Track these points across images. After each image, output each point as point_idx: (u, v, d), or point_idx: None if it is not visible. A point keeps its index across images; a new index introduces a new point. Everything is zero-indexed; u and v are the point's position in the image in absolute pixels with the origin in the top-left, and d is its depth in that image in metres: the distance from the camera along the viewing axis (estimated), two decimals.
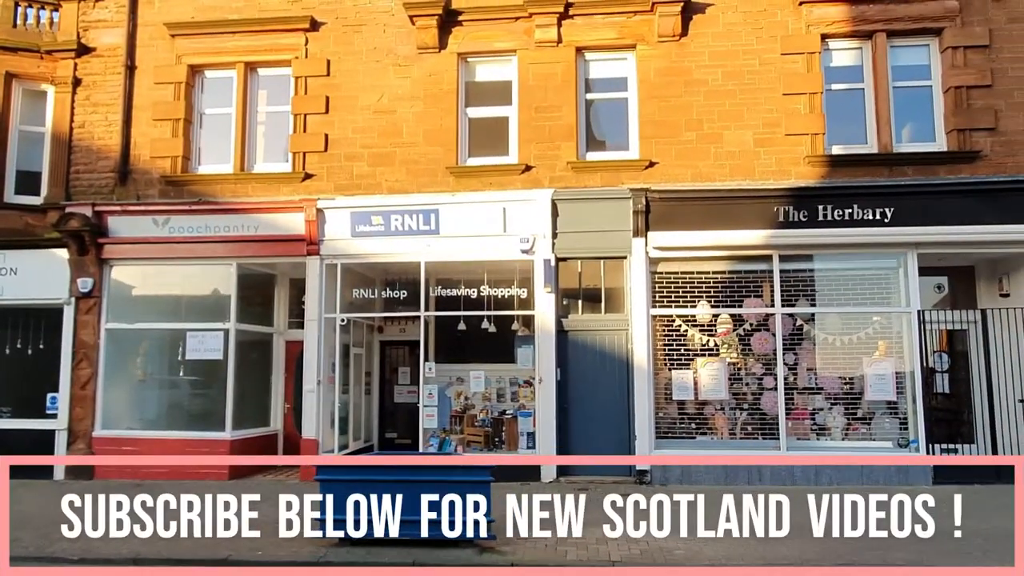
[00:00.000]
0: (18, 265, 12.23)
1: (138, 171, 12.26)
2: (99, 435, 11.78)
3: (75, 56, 12.52)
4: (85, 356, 11.96)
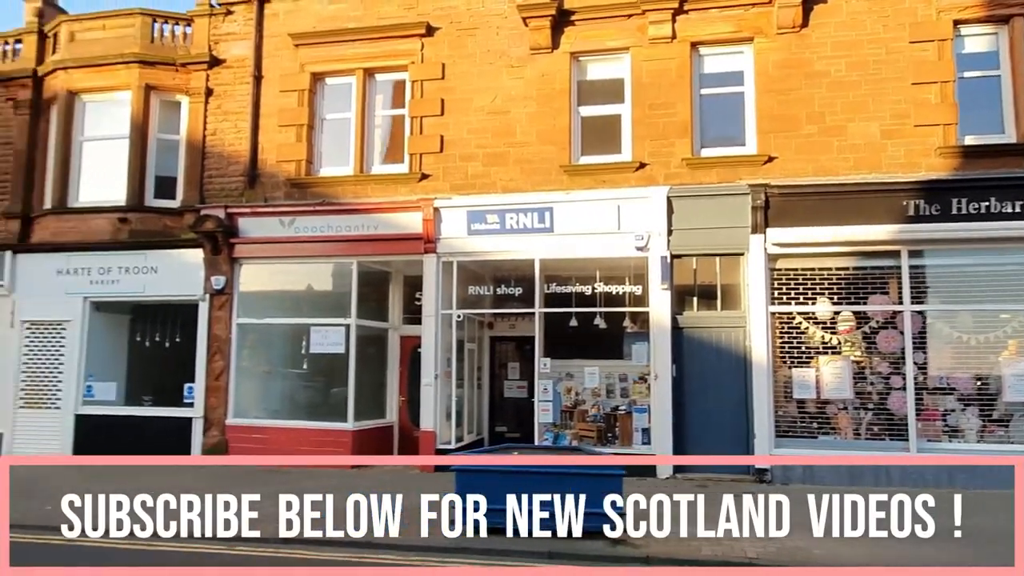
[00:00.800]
0: (158, 264, 13.14)
1: (265, 175, 12.95)
2: (231, 423, 12.53)
3: (207, 68, 13.34)
4: (218, 349, 12.73)
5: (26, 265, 13.74)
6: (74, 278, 13.41)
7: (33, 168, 14.09)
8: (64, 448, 13.09)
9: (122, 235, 13.17)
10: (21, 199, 13.98)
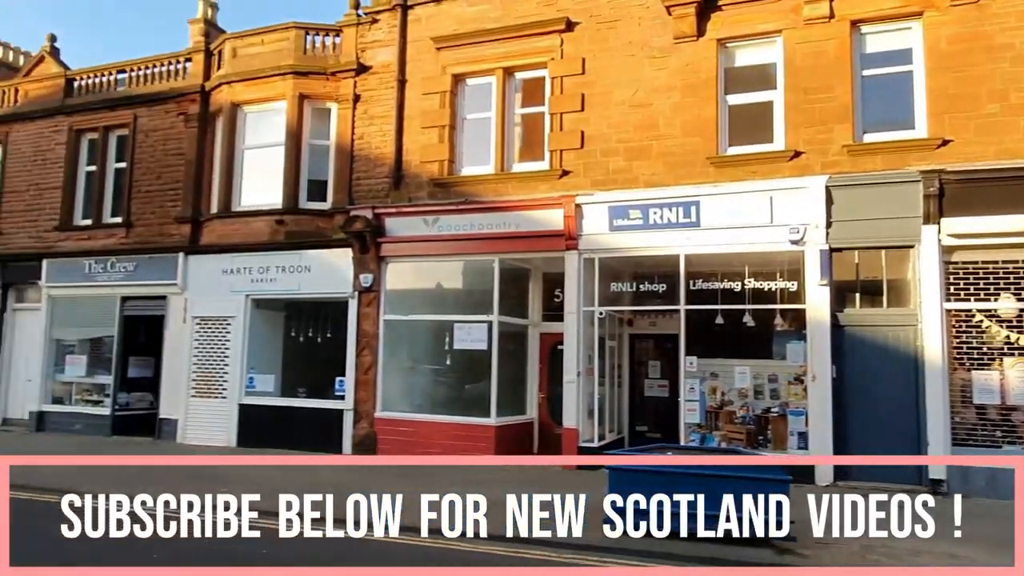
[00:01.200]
0: (311, 263, 13.87)
1: (409, 175, 13.36)
2: (380, 416, 13.01)
3: (355, 75, 13.93)
4: (367, 345, 13.26)
5: (196, 265, 14.92)
6: (237, 277, 14.41)
7: (202, 176, 15.28)
8: (229, 435, 14.10)
9: (279, 236, 14.00)
10: (191, 205, 15.19)
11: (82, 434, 15.46)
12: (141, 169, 15.90)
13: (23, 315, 17.08)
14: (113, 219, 16.16)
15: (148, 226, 15.65)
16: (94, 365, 16.17)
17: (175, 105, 15.70)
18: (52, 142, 17.01)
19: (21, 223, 17.11)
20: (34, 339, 16.67)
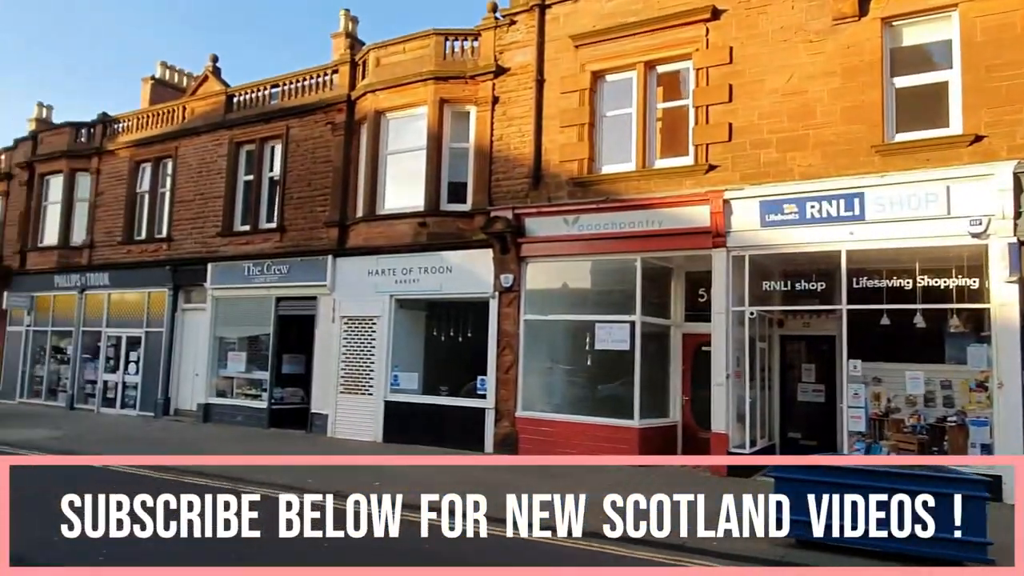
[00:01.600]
0: (452, 264, 14.15)
1: (549, 175, 13.33)
2: (521, 415, 13.06)
3: (493, 77, 14.08)
4: (507, 344, 13.35)
5: (343, 267, 15.62)
6: (382, 278, 14.94)
7: (348, 182, 15.98)
8: (376, 430, 14.64)
9: (421, 238, 14.38)
10: (339, 209, 15.91)
11: (243, 425, 16.57)
12: (293, 177, 16.85)
13: (190, 314, 18.55)
14: (268, 224, 17.23)
15: (300, 230, 16.55)
16: (252, 362, 17.30)
17: (323, 115, 16.51)
18: (215, 154, 18.38)
19: (188, 230, 18.60)
20: (200, 337, 18.07)
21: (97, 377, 20.12)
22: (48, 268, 21.34)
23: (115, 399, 19.64)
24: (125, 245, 19.89)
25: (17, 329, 22.25)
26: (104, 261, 20.25)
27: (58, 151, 21.60)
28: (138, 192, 20.14)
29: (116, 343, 19.92)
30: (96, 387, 20.10)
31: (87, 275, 20.49)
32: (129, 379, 19.45)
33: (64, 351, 21.20)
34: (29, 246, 22.05)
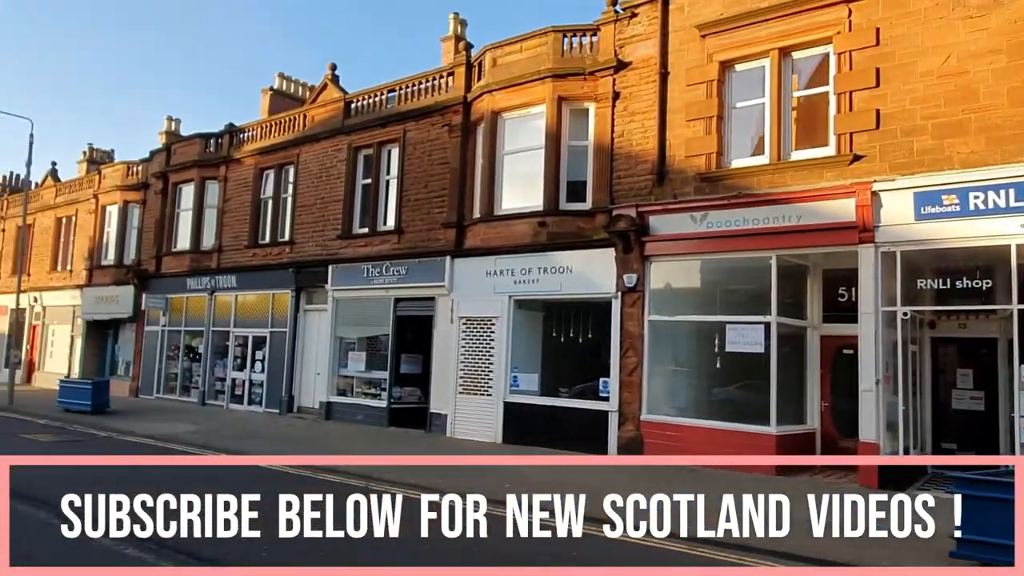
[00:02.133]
0: (572, 264, 13.91)
1: (674, 171, 12.88)
2: (646, 419, 12.66)
3: (613, 72, 13.75)
4: (631, 346, 12.98)
5: (461, 268, 15.68)
6: (500, 278, 14.89)
7: (465, 183, 16.04)
8: (495, 431, 14.59)
9: (540, 238, 14.22)
10: (456, 211, 16.00)
11: (363, 423, 16.94)
12: (410, 179, 17.10)
13: (312, 315, 19.18)
14: (386, 227, 17.56)
15: (417, 232, 16.76)
16: (371, 361, 17.68)
17: (439, 117, 16.66)
18: (334, 159, 18.92)
19: (310, 233, 19.23)
20: (321, 337, 18.64)
21: (226, 375, 21.15)
22: (181, 271, 22.63)
23: (242, 396, 20.56)
24: (251, 248, 20.80)
25: (153, 329, 23.72)
26: (232, 264, 21.26)
27: (189, 161, 22.88)
28: (262, 198, 21.03)
29: (243, 342, 20.87)
30: (225, 384, 21.13)
31: (216, 277, 21.57)
32: (255, 377, 20.32)
33: (196, 350, 22.42)
34: (164, 251, 23.45)
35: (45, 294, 28.57)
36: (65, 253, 28.79)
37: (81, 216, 27.82)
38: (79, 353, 26.93)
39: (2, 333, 31.69)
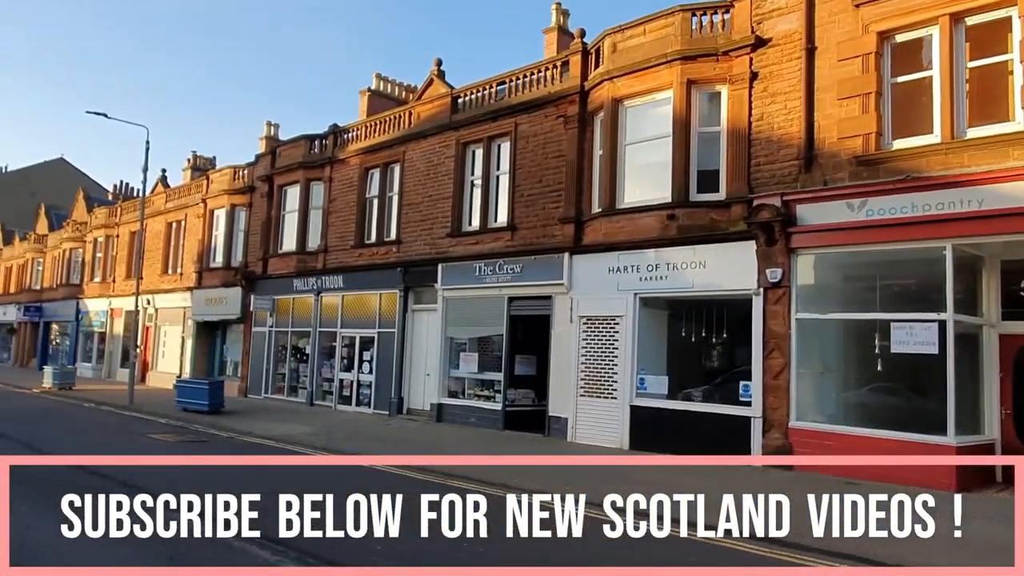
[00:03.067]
0: (705, 259, 12.98)
1: (823, 155, 11.79)
2: (795, 426, 11.61)
3: (750, 51, 12.76)
4: (776, 346, 11.96)
5: (581, 265, 14.98)
6: (624, 275, 14.10)
7: (582, 176, 15.34)
8: (622, 437, 13.81)
9: (670, 232, 13.35)
10: (573, 205, 15.31)
11: (476, 427, 16.47)
12: (522, 174, 16.51)
13: (420, 315, 18.87)
14: (498, 223, 17.04)
15: (531, 228, 16.16)
16: (483, 362, 17.19)
17: (554, 108, 16.01)
18: (442, 156, 18.56)
19: (417, 232, 18.93)
20: (430, 337, 18.29)
21: (333, 376, 21.15)
22: (287, 272, 22.83)
23: (350, 397, 20.49)
24: (357, 249, 20.72)
25: (261, 330, 24.05)
26: (338, 264, 21.24)
27: (294, 163, 23.06)
28: (367, 197, 20.92)
29: (350, 343, 20.81)
30: (333, 385, 21.13)
31: (322, 278, 21.62)
32: (363, 378, 20.21)
33: (303, 350, 22.55)
34: (270, 253, 23.74)
35: (157, 296, 29.54)
36: (175, 257, 29.71)
37: (190, 220, 28.64)
38: (189, 353, 27.69)
39: (117, 334, 33.11)
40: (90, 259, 36.12)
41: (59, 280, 38.90)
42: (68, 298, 37.43)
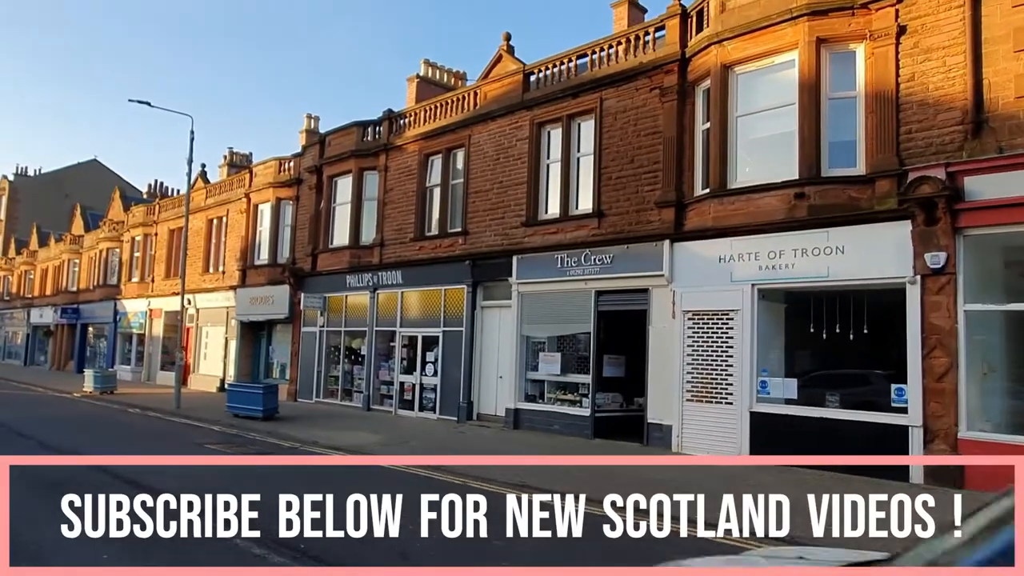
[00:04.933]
0: (844, 243, 11.25)
1: (997, 118, 10.01)
2: (965, 437, 9.86)
3: (895, 2, 11.01)
4: (938, 343, 10.20)
5: (684, 254, 13.32)
6: (739, 264, 12.42)
7: (683, 154, 13.67)
8: (740, 447, 12.13)
9: (799, 212, 11.64)
10: (674, 187, 13.65)
11: (561, 434, 14.88)
12: (610, 154, 14.88)
13: (491, 312, 17.31)
14: (582, 209, 15.41)
15: (622, 214, 14.52)
16: (566, 363, 15.58)
17: (647, 80, 14.36)
18: (513, 138, 16.99)
19: (487, 221, 17.38)
20: (503, 336, 16.74)
21: (392, 378, 19.68)
22: (339, 268, 21.41)
23: (412, 401, 18.99)
24: (417, 242, 19.22)
25: (311, 330, 22.66)
26: (396, 259, 19.78)
27: (346, 152, 21.62)
28: (428, 186, 19.42)
29: (411, 343, 19.32)
30: (392, 388, 19.66)
31: (379, 274, 20.16)
32: (427, 381, 18.69)
33: (357, 351, 21.12)
34: (320, 248, 22.34)
35: (198, 296, 28.32)
36: (217, 254, 28.49)
37: (232, 216, 27.39)
38: (233, 355, 26.44)
39: (157, 335, 32.03)
40: (127, 259, 35.13)
41: (96, 281, 38.00)
42: (105, 299, 36.50)
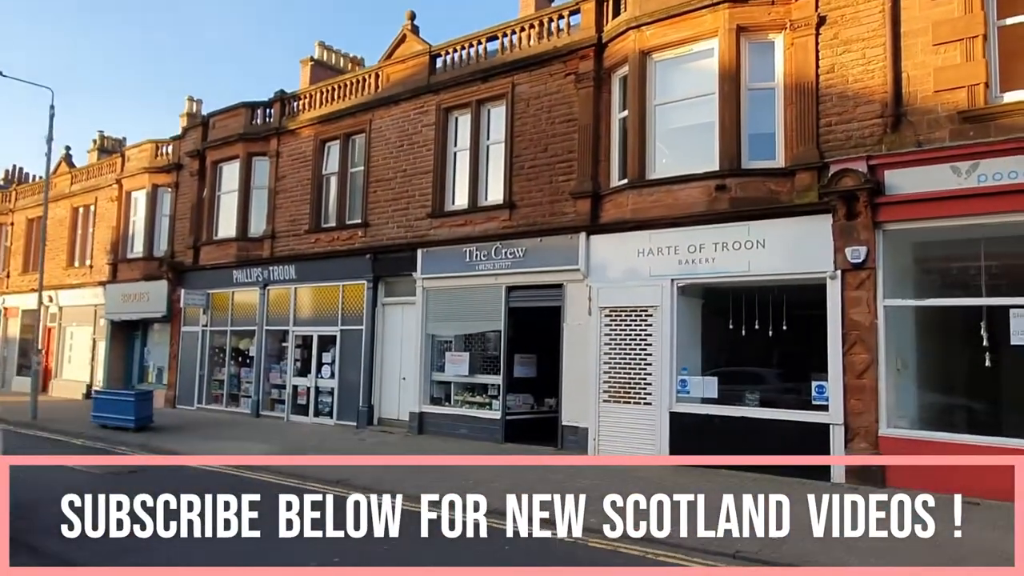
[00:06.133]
0: (764, 237, 10.97)
1: (915, 111, 9.93)
2: (887, 435, 9.73)
3: None
4: (858, 339, 10.04)
5: (601, 247, 12.74)
6: (658, 259, 11.95)
7: (599, 143, 13.08)
8: (659, 448, 11.65)
9: (719, 205, 11.27)
10: (590, 177, 13.03)
11: (470, 439, 13.97)
12: (523, 142, 14.11)
13: (393, 309, 16.20)
14: (493, 200, 14.56)
15: (535, 205, 13.78)
16: (475, 363, 14.69)
17: (561, 65, 13.67)
18: (419, 124, 15.93)
19: (390, 212, 16.23)
20: (407, 335, 15.67)
21: (285, 381, 18.14)
22: (225, 263, 19.59)
23: (307, 406, 17.53)
24: (312, 234, 17.78)
25: (193, 330, 20.67)
26: (289, 252, 18.24)
27: (233, 135, 19.80)
28: (324, 174, 18.00)
29: (305, 343, 17.86)
30: (284, 393, 18.12)
31: (269, 268, 18.55)
32: (323, 384, 17.29)
33: (245, 353, 19.40)
34: (203, 240, 20.41)
35: (61, 293, 25.45)
36: (83, 247, 25.69)
37: (101, 204, 24.75)
38: (102, 358, 23.86)
39: (13, 337, 28.66)
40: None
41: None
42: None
